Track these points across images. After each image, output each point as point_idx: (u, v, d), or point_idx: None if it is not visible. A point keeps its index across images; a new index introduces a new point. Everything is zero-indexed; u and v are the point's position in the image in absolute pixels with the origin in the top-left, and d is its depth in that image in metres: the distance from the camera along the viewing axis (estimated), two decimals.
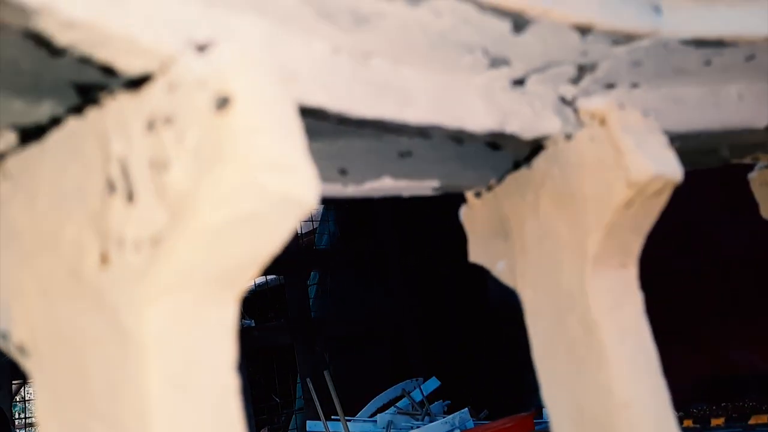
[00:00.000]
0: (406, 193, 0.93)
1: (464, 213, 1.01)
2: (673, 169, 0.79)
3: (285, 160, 0.52)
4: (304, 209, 0.55)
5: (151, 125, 0.54)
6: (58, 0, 0.46)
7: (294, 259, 4.28)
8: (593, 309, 0.83)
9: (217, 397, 0.56)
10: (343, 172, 0.86)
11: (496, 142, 0.84)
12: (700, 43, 0.80)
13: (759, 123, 0.95)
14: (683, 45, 0.79)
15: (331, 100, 0.66)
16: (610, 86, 0.85)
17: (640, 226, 0.84)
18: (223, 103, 0.51)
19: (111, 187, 0.55)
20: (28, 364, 0.58)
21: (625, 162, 0.78)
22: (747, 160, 1.09)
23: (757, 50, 0.85)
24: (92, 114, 0.57)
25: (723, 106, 0.92)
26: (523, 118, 0.81)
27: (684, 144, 0.91)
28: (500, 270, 0.96)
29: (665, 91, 0.89)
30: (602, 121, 0.81)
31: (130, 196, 0.54)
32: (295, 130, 0.55)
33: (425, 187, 0.91)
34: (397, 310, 3.34)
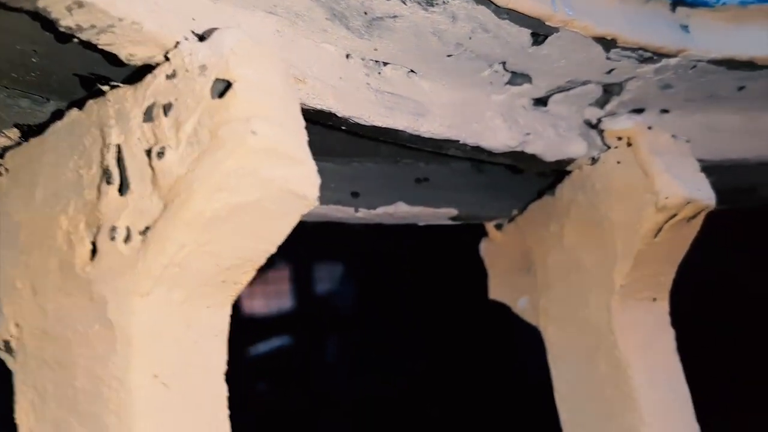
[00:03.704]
0: (421, 222, 0.90)
1: (484, 247, 0.97)
2: (706, 194, 0.75)
3: (286, 152, 0.50)
4: (305, 205, 0.52)
5: (149, 114, 0.52)
6: None
7: (311, 320, 4.22)
8: (621, 346, 0.77)
9: (204, 402, 0.52)
10: (355, 194, 0.83)
11: (516, 165, 0.80)
12: (731, 65, 0.76)
13: None
14: (714, 66, 0.76)
15: (342, 105, 0.64)
16: (639, 111, 0.82)
17: (672, 256, 0.79)
18: (223, 88, 0.49)
19: (106, 176, 0.52)
20: (11, 362, 0.55)
21: (654, 185, 0.74)
22: None
23: None
24: (93, 106, 0.56)
25: (759, 136, 0.88)
26: (545, 139, 0.78)
27: (720, 179, 0.86)
28: (522, 307, 0.91)
29: (698, 118, 0.86)
30: (630, 143, 0.77)
31: (124, 186, 0.52)
32: (298, 123, 0.53)
33: (442, 215, 0.88)
34: (418, 374, 3.26)
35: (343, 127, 0.68)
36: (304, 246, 4.29)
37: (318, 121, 0.69)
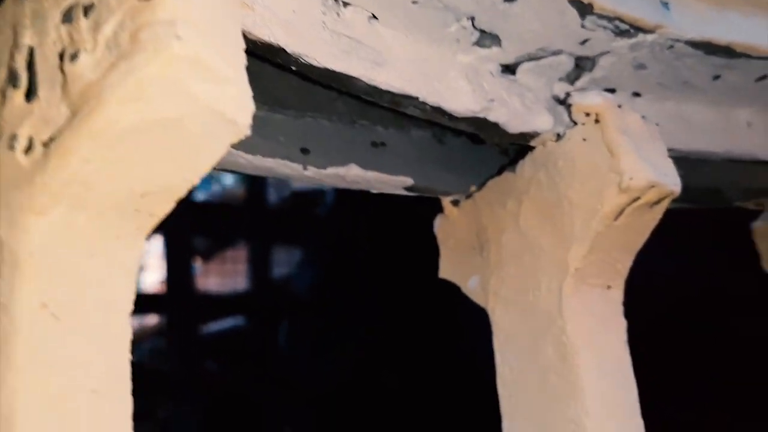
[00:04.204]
0: (374, 189, 0.85)
1: (439, 223, 0.92)
2: (672, 179, 0.71)
3: (216, 66, 0.44)
4: (235, 132, 0.47)
5: (69, 15, 0.46)
6: None
7: (265, 303, 4.16)
8: (570, 332, 0.73)
9: (103, 342, 0.46)
10: (305, 151, 0.78)
11: (478, 133, 0.76)
12: (709, 49, 0.73)
13: (766, 155, 0.87)
14: (691, 48, 0.73)
15: (293, 40, 0.59)
16: (610, 91, 0.78)
17: (631, 242, 0.75)
18: None
19: (13, 80, 0.47)
20: None
21: (619, 165, 0.70)
22: (751, 206, 1.01)
23: None
24: (9, 5, 0.50)
25: (730, 131, 0.85)
26: (510, 108, 0.73)
27: (685, 176, 0.83)
28: (472, 287, 0.87)
29: (670, 105, 0.82)
30: (597, 120, 0.73)
31: (31, 91, 0.46)
32: (235, 42, 0.48)
33: (397, 182, 0.83)
34: (373, 363, 3.22)
35: (293, 68, 0.63)
36: (265, 228, 4.22)
37: (267, 59, 0.64)
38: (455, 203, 0.90)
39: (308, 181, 0.81)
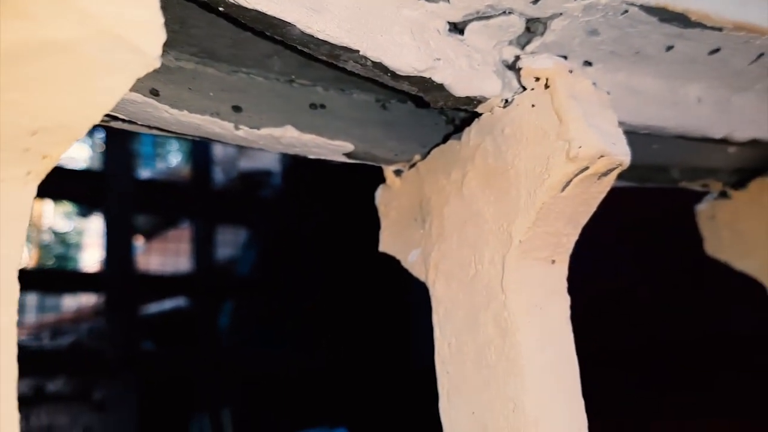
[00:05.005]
0: (312, 154, 0.80)
1: (380, 194, 0.88)
2: (622, 149, 0.68)
3: None
4: (142, 63, 0.41)
5: None
6: None
7: (208, 283, 4.06)
8: (512, 306, 0.70)
9: None
10: (237, 109, 0.72)
11: (422, 95, 0.72)
12: (663, 16, 0.70)
13: (715, 132, 0.86)
14: (645, 14, 0.70)
15: None
16: (561, 58, 0.75)
17: (577, 215, 0.72)
18: None
19: None
20: None
21: (568, 132, 0.67)
22: (697, 187, 1.00)
23: (722, 42, 0.76)
24: None
25: (680, 106, 0.83)
26: (457, 69, 0.69)
27: (634, 152, 0.80)
28: (412, 261, 0.83)
29: (621, 77, 0.79)
30: (547, 86, 0.69)
31: None
32: None
33: (336, 147, 0.78)
34: (313, 351, 3.17)
35: (222, 9, 0.57)
36: (210, 208, 4.12)
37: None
38: (398, 173, 0.86)
39: (240, 142, 0.75)
